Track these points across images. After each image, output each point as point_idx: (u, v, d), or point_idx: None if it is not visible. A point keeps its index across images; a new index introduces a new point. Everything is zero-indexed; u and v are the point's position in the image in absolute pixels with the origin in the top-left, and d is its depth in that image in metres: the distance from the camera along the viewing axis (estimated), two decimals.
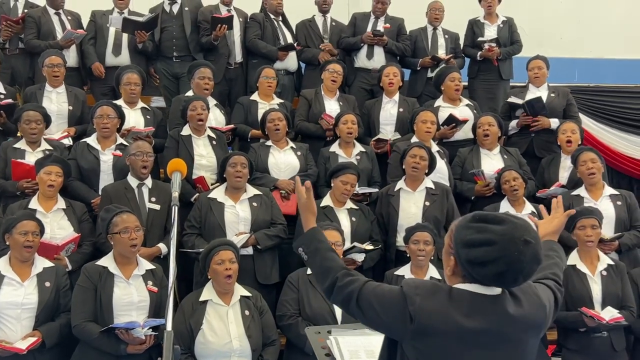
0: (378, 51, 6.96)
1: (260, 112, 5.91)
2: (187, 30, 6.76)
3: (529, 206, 5.30)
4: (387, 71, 6.33)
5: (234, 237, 4.70)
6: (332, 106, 6.18)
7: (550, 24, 8.87)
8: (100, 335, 3.88)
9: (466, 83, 7.19)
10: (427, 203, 5.15)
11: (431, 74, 6.91)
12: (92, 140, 5.27)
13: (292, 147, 5.66)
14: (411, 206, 5.17)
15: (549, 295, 2.20)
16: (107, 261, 4.11)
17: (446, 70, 6.43)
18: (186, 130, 5.48)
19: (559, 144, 5.90)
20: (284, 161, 5.56)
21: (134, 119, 5.76)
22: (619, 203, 5.24)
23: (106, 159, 5.19)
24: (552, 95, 6.45)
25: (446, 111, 6.17)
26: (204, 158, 5.42)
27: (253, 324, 4.12)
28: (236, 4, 7.04)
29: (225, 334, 4.02)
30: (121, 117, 5.38)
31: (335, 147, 5.72)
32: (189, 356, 3.99)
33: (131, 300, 4.03)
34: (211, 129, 5.61)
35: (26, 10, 6.65)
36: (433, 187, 5.23)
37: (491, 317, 1.99)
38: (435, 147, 5.67)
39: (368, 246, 4.89)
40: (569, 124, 5.93)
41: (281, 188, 5.36)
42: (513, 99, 6.46)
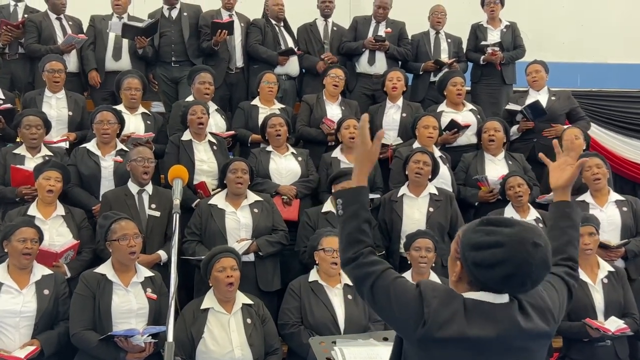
0: (380, 57, 6.93)
1: (261, 117, 5.87)
2: (186, 35, 6.73)
3: (534, 212, 5.24)
4: (391, 76, 6.29)
5: (236, 244, 4.66)
6: (334, 111, 6.14)
7: (551, 29, 8.81)
8: (99, 343, 3.83)
9: (469, 88, 7.15)
10: (431, 209, 5.10)
11: (434, 79, 6.87)
12: (92, 145, 5.22)
13: (293, 153, 5.62)
14: (415, 212, 5.11)
15: (560, 288, 2.14)
16: (106, 268, 4.06)
17: (448, 75, 6.39)
18: (187, 135, 5.44)
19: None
20: (285, 167, 5.51)
21: (135, 124, 5.72)
22: (625, 209, 5.18)
23: (107, 165, 5.15)
24: (553, 98, 6.41)
25: (449, 116, 6.14)
26: (205, 163, 5.37)
27: (255, 333, 4.07)
28: (238, 9, 7.02)
29: (227, 343, 3.97)
30: (121, 123, 5.34)
31: (337, 153, 5.67)
32: None
33: (130, 307, 3.98)
34: (212, 135, 5.57)
35: (26, 15, 6.61)
36: (436, 193, 5.17)
37: (499, 326, 1.93)
38: (437, 153, 5.62)
39: None
40: (572, 130, 5.88)
41: (282, 194, 5.31)
42: (511, 106, 6.44)
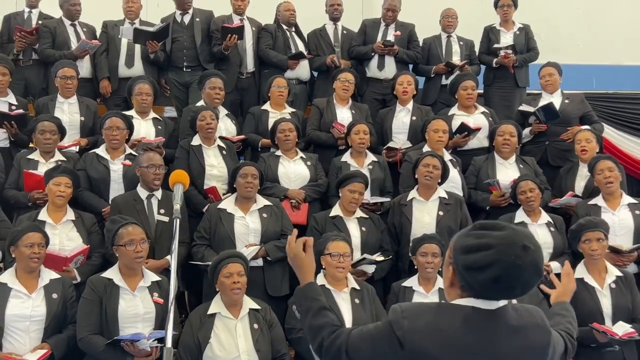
0: (389, 61, 6.91)
1: (271, 122, 5.88)
2: (198, 40, 6.75)
3: (545, 216, 5.20)
4: (401, 79, 6.27)
5: (244, 249, 4.65)
6: (344, 115, 6.13)
7: (566, 31, 8.77)
8: (105, 347, 3.84)
9: (482, 90, 7.11)
10: (441, 213, 5.07)
11: (446, 81, 6.84)
12: (102, 150, 5.28)
13: (302, 157, 5.62)
14: (424, 216, 5.08)
15: (559, 339, 2.16)
16: (113, 273, 4.08)
17: (460, 78, 6.36)
18: (196, 140, 5.46)
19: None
20: (294, 171, 5.52)
21: (145, 129, 5.76)
22: (638, 212, 5.11)
23: (116, 169, 5.20)
24: (566, 101, 6.35)
25: (460, 119, 6.10)
26: (215, 168, 5.40)
27: (262, 338, 4.05)
28: (251, 14, 7.04)
29: (233, 348, 3.96)
30: (130, 128, 5.38)
31: (347, 157, 5.66)
32: None
33: (137, 312, 4.00)
34: (221, 139, 5.58)
35: (40, 21, 6.68)
36: (446, 197, 5.14)
37: (486, 332, 1.91)
38: (447, 156, 5.59)
39: (378, 257, 4.82)
40: (584, 133, 5.82)
41: (291, 197, 5.31)
42: (524, 107, 6.38)
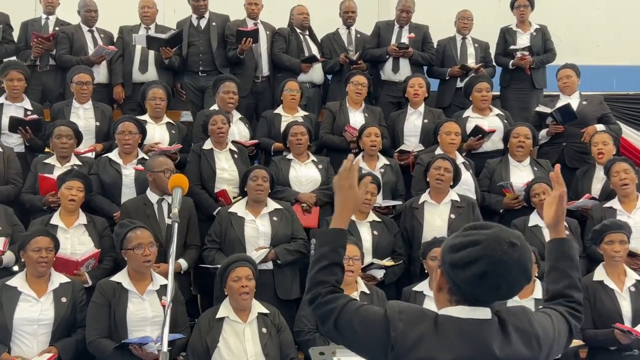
0: (404, 64, 6.88)
1: (283, 125, 5.88)
2: (214, 45, 6.78)
3: None
4: (412, 82, 6.23)
5: (253, 252, 4.66)
6: (357, 118, 6.11)
7: (586, 32, 8.66)
8: (114, 351, 3.87)
9: (498, 92, 7.05)
10: (453, 216, 5.03)
11: (460, 84, 6.79)
12: (114, 155, 5.33)
13: (314, 161, 5.61)
14: (436, 219, 5.05)
15: (558, 322, 2.05)
16: (121, 277, 4.11)
17: (474, 80, 6.31)
18: (208, 144, 5.48)
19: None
20: (305, 174, 5.51)
21: (159, 134, 5.80)
22: None
23: (128, 173, 5.24)
24: (584, 103, 6.27)
25: (474, 122, 6.05)
26: (226, 172, 5.41)
27: (270, 342, 4.05)
28: (265, 18, 7.06)
29: (241, 352, 3.97)
30: (142, 133, 5.42)
31: (358, 160, 5.63)
32: None
33: (145, 315, 4.02)
34: (233, 143, 5.60)
35: (57, 27, 6.76)
36: (458, 200, 5.11)
37: (472, 346, 1.86)
38: (460, 159, 5.55)
39: (387, 262, 4.79)
40: (601, 135, 5.74)
41: (302, 201, 5.31)
42: (541, 108, 6.31)
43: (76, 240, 4.64)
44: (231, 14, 7.07)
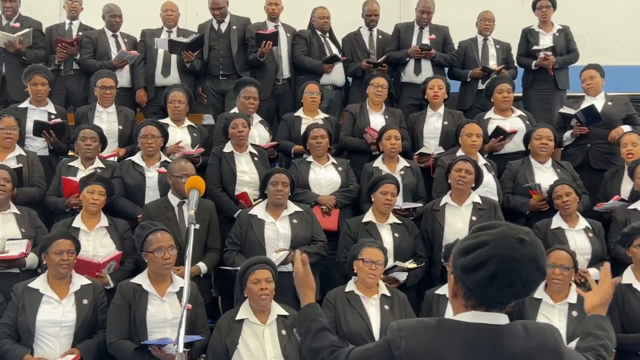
0: (425, 65, 6.85)
1: (303, 128, 5.88)
2: (234, 49, 6.81)
3: (583, 221, 5.08)
4: (432, 84, 6.20)
5: (273, 254, 4.66)
6: (378, 120, 6.09)
7: (611, 32, 8.55)
8: (134, 352, 3.91)
9: (520, 94, 6.99)
10: (474, 218, 4.98)
11: (482, 86, 6.74)
12: (137, 158, 5.37)
13: (333, 163, 5.61)
14: (457, 221, 5.01)
15: None
16: (142, 279, 4.14)
17: (495, 81, 6.26)
18: (228, 147, 5.50)
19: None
20: (325, 177, 5.51)
21: (181, 137, 5.83)
22: None
23: (151, 176, 5.28)
24: (609, 103, 6.19)
25: (496, 123, 6.01)
26: (246, 174, 5.42)
27: (290, 344, 4.03)
28: (286, 21, 7.07)
29: (261, 354, 3.96)
30: (165, 136, 5.46)
31: (378, 162, 5.62)
32: None
33: (165, 317, 4.05)
34: (253, 146, 5.62)
35: (80, 32, 6.84)
36: (480, 202, 5.06)
37: (486, 352, 1.83)
38: (482, 161, 5.50)
39: (410, 265, 4.77)
40: (630, 136, 5.67)
41: (322, 204, 5.32)
42: (565, 109, 6.24)
43: (98, 242, 4.69)
44: (252, 16, 7.10)
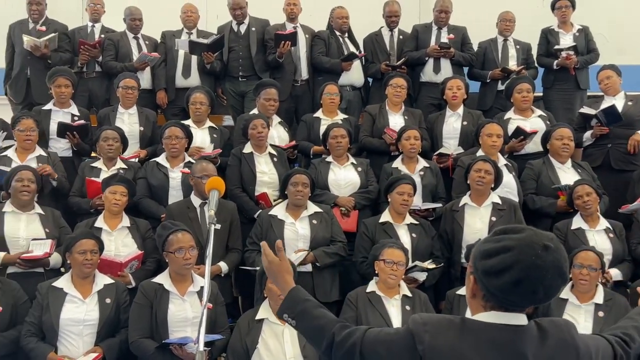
0: (445, 64, 6.84)
1: (322, 129, 5.92)
2: (253, 50, 6.86)
3: (604, 222, 5.05)
4: (451, 84, 6.18)
5: (293, 255, 4.69)
6: (397, 120, 6.09)
7: (632, 31, 8.48)
8: (155, 351, 3.95)
9: (541, 93, 6.96)
10: (494, 218, 4.97)
11: (502, 87, 6.71)
12: (162, 159, 5.44)
13: (353, 163, 5.62)
14: (476, 222, 5.00)
15: (604, 346, 2.00)
16: (163, 278, 4.19)
17: (515, 81, 6.22)
18: (248, 148, 5.54)
19: None
20: (344, 178, 5.53)
21: (201, 138, 5.90)
22: None
23: (175, 176, 5.34)
24: (630, 103, 6.13)
25: (516, 123, 5.98)
26: (266, 175, 5.46)
27: (309, 344, 4.07)
28: (305, 21, 7.10)
29: (280, 354, 3.99)
30: (189, 137, 5.52)
31: (398, 163, 5.63)
32: None
33: (186, 316, 4.10)
34: (272, 146, 5.66)
35: (102, 35, 6.92)
36: (500, 203, 5.05)
37: (506, 351, 1.82)
38: (503, 161, 5.48)
39: (430, 265, 4.77)
40: None
41: (341, 205, 5.33)
42: (585, 110, 6.19)
43: (120, 242, 4.76)
44: (272, 18, 7.13)
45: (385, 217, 5.02)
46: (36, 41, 6.46)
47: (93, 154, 5.86)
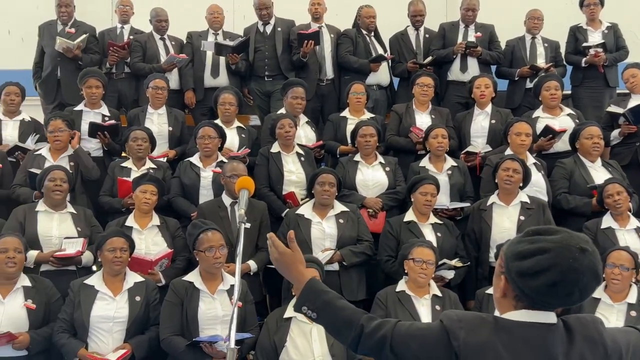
0: (472, 63, 6.82)
1: (349, 128, 5.92)
2: (279, 50, 6.89)
3: (634, 221, 5.00)
4: (479, 82, 6.15)
5: (320, 254, 4.72)
6: (424, 119, 6.07)
7: None
8: (186, 349, 4.00)
9: (569, 91, 6.90)
10: (522, 217, 4.94)
11: (530, 85, 6.66)
12: (195, 158, 5.50)
13: (381, 162, 5.60)
14: (504, 221, 4.98)
15: (636, 338, 1.97)
16: (193, 276, 4.24)
17: (543, 79, 6.18)
18: (275, 147, 5.58)
19: None
20: (372, 178, 5.51)
21: (230, 138, 5.92)
22: None
23: (206, 176, 5.40)
24: None
25: (544, 122, 5.93)
26: (294, 174, 5.49)
27: (337, 342, 4.05)
28: (331, 21, 7.11)
29: (308, 352, 4.01)
30: (222, 137, 5.57)
31: (425, 162, 5.61)
32: None
33: (216, 314, 4.14)
34: (299, 146, 5.68)
35: (131, 36, 7.00)
36: (528, 202, 5.01)
37: (538, 350, 1.82)
38: (531, 160, 5.44)
39: (457, 263, 4.76)
40: None
41: (368, 207, 5.31)
42: (613, 108, 6.13)
43: (150, 240, 4.81)
44: (298, 19, 7.16)
45: (409, 217, 5.01)
46: (69, 43, 6.56)
47: (123, 154, 5.94)
